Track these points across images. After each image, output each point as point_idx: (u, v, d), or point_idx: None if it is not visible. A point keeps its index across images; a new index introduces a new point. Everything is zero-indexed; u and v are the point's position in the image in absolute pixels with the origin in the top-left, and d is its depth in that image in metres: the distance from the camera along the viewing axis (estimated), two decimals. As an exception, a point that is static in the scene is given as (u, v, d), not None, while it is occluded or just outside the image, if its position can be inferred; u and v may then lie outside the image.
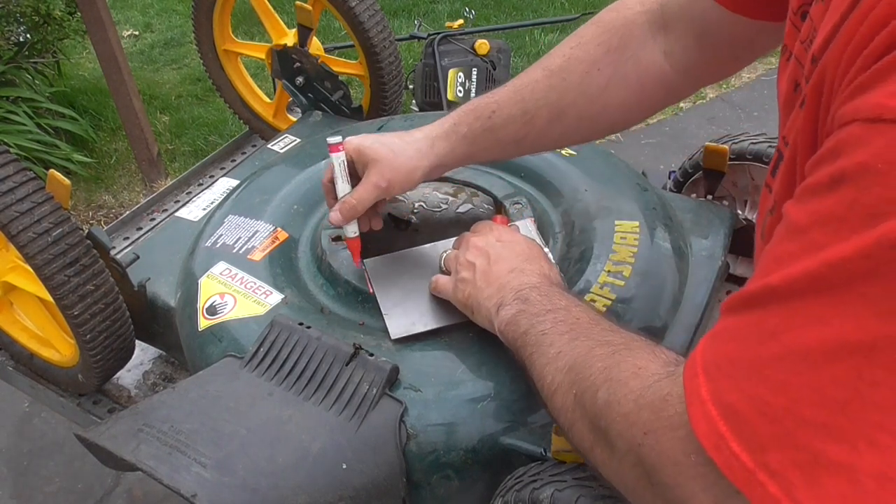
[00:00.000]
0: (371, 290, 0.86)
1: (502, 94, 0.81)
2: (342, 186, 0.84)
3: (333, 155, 0.84)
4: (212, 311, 0.88)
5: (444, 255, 0.85)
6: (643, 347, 0.53)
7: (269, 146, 1.36)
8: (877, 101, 0.34)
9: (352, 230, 0.86)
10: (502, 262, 0.74)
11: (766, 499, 0.36)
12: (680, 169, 1.21)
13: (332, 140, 0.84)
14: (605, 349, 0.55)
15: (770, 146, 1.07)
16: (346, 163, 0.84)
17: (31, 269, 0.86)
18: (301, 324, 0.80)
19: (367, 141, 0.83)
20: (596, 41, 0.78)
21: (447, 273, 0.82)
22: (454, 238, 0.89)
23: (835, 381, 0.34)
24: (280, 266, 0.95)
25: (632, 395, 0.48)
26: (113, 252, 0.94)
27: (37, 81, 2.79)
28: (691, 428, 0.40)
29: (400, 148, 0.82)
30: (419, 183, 0.84)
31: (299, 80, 1.45)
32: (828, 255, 0.35)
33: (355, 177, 0.85)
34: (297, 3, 1.36)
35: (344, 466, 0.69)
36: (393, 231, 1.04)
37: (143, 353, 1.13)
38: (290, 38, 1.46)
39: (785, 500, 0.35)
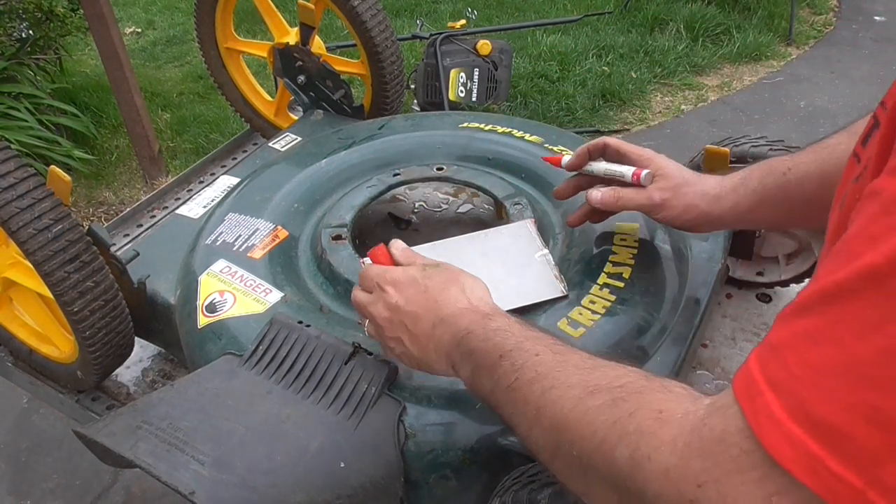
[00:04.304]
0: (371, 290, 0.86)
1: (800, 154, 0.77)
2: (619, 168, 0.84)
3: None
4: (211, 308, 0.88)
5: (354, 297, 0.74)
6: (643, 383, 0.47)
7: (269, 144, 1.36)
8: None
9: (569, 158, 0.89)
10: (420, 322, 0.67)
11: None
12: (681, 171, 1.20)
13: None
14: (599, 398, 0.48)
15: (771, 149, 1.07)
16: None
17: (31, 266, 0.86)
18: (300, 322, 0.80)
19: (662, 156, 0.83)
20: None
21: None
22: (453, 238, 0.89)
23: None
24: (280, 264, 0.95)
25: (665, 446, 0.41)
26: (113, 249, 0.94)
27: (38, 78, 2.79)
28: (772, 460, 0.34)
29: (693, 179, 0.80)
30: (687, 225, 0.81)
31: (301, 78, 1.45)
32: None
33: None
34: (300, 1, 1.36)
35: (342, 465, 0.69)
36: (393, 231, 1.04)
37: (143, 351, 1.13)
38: (292, 36, 1.46)
39: None
